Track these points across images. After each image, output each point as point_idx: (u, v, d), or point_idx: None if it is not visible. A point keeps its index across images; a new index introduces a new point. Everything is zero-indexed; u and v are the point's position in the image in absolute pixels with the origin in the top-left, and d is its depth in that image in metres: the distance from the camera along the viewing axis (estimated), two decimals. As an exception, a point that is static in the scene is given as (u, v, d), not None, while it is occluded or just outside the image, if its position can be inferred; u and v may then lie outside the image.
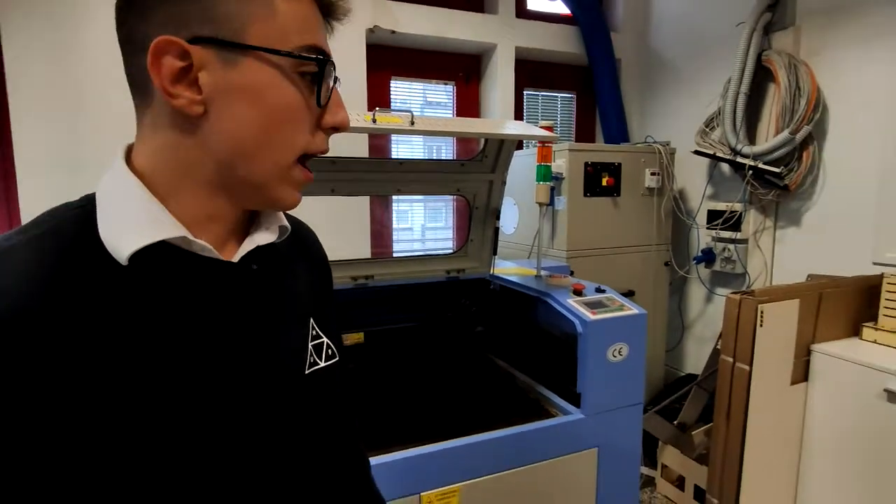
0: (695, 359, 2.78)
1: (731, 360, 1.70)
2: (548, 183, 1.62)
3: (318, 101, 0.49)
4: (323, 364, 0.57)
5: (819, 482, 1.77)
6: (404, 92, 2.76)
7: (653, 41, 2.99)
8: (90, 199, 0.46)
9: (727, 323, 1.71)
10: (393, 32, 2.48)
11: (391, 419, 1.34)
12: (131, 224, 0.44)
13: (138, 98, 0.47)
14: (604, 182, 2.40)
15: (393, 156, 2.73)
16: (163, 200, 0.46)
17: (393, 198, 2.75)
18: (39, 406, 0.38)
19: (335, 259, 1.56)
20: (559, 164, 2.34)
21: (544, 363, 1.55)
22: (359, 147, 2.42)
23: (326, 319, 0.61)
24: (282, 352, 0.53)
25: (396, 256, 1.94)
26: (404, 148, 2.78)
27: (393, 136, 2.67)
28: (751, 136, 2.32)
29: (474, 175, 1.65)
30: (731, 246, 2.44)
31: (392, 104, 2.70)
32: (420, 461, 1.13)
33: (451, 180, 1.65)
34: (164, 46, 0.42)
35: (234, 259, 0.50)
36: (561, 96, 3.12)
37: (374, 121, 1.16)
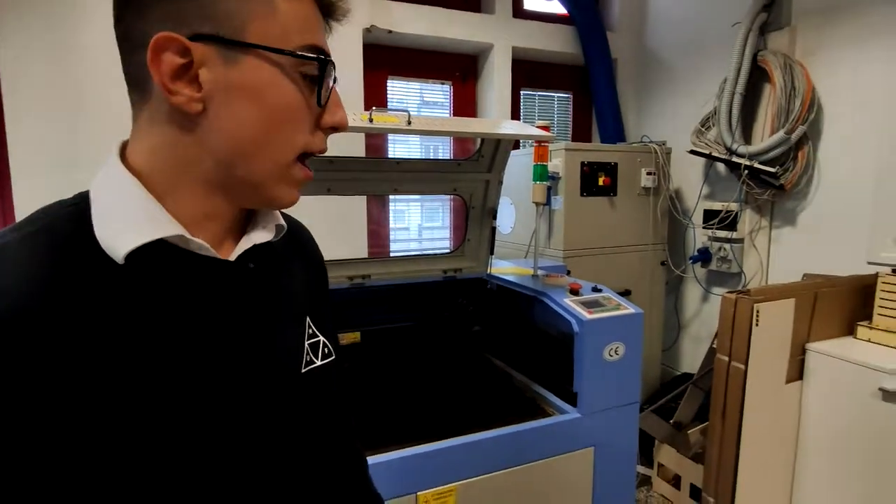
0: (691, 358, 2.79)
1: (727, 359, 1.70)
2: (544, 182, 1.63)
3: (319, 101, 0.49)
4: (319, 363, 0.57)
5: (814, 480, 1.78)
6: (401, 91, 2.76)
7: (649, 41, 3.00)
8: (84, 197, 0.46)
9: (723, 322, 1.72)
10: (390, 32, 2.48)
11: (388, 419, 1.34)
12: (127, 222, 0.44)
13: (135, 95, 0.47)
14: (600, 182, 2.41)
15: (390, 155, 2.73)
16: (159, 198, 0.46)
17: (390, 197, 2.74)
18: (39, 406, 0.38)
19: (332, 259, 1.56)
20: (556, 164, 2.34)
21: (541, 362, 1.55)
22: (355, 147, 2.42)
23: (322, 318, 0.61)
24: (278, 351, 0.53)
25: (393, 256, 1.94)
26: (401, 147, 2.77)
27: (390, 136, 2.67)
28: (746, 136, 2.33)
29: (471, 175, 1.65)
30: (727, 245, 2.44)
31: (389, 104, 2.70)
32: (417, 460, 1.14)
33: (448, 180, 1.65)
34: (165, 43, 0.42)
35: (231, 258, 0.50)
36: (557, 96, 3.12)
37: (371, 120, 1.17)
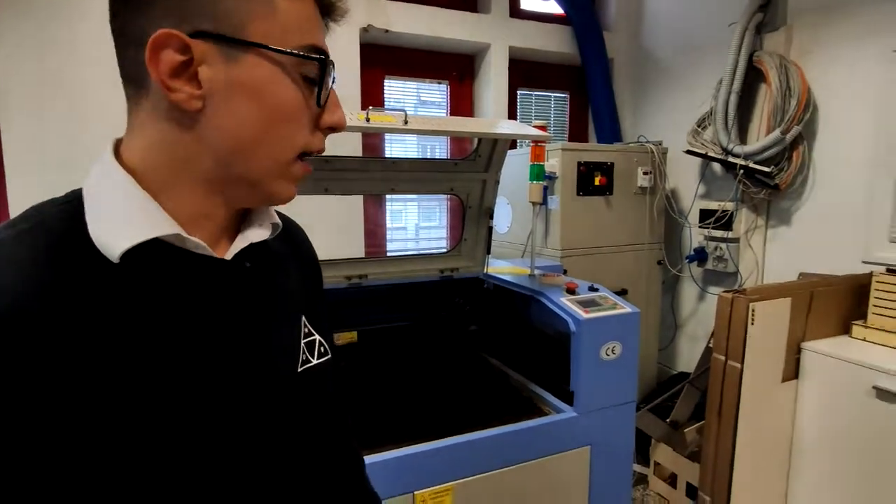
0: (687, 357, 2.80)
1: (723, 358, 1.71)
2: (541, 182, 1.63)
3: (319, 101, 0.49)
4: (315, 362, 0.57)
5: (809, 478, 1.79)
6: (398, 91, 2.76)
7: (645, 41, 3.00)
8: (76, 195, 0.45)
9: (719, 321, 1.72)
10: (387, 31, 2.48)
11: (385, 418, 1.34)
12: (123, 220, 0.43)
13: (131, 91, 0.46)
14: (597, 181, 2.41)
15: (386, 155, 2.72)
16: (154, 196, 0.45)
17: (387, 197, 2.74)
18: (35, 405, 0.38)
19: (329, 258, 1.56)
20: (552, 164, 2.34)
21: (538, 362, 1.55)
22: (352, 146, 2.42)
23: (318, 317, 0.61)
24: (275, 350, 0.53)
25: (390, 256, 1.94)
26: (398, 147, 2.77)
27: (387, 136, 2.67)
28: (742, 136, 2.33)
29: (468, 174, 1.65)
30: (723, 245, 2.45)
31: (386, 103, 2.70)
32: (414, 460, 1.14)
33: (445, 179, 1.65)
34: (165, 40, 0.42)
35: (227, 257, 0.50)
36: (554, 96, 3.12)
37: (368, 120, 1.16)
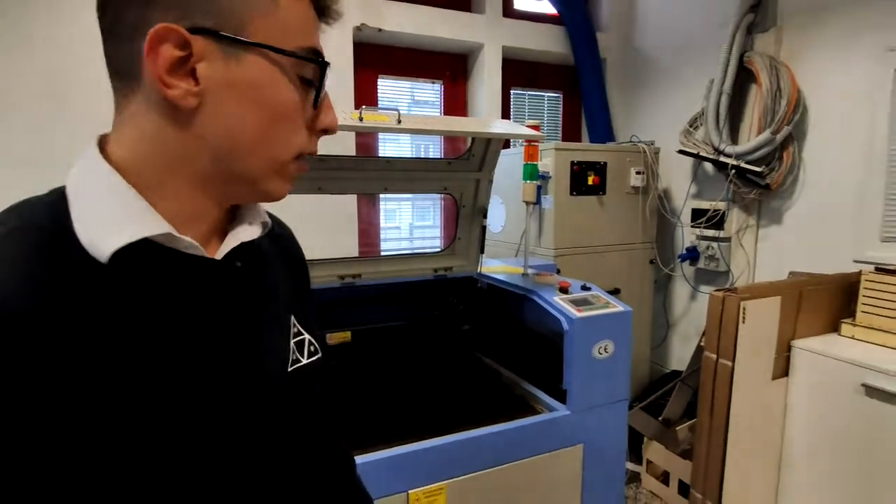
0: (679, 355, 2.82)
1: (715, 357, 1.72)
2: (534, 182, 1.63)
3: (315, 103, 0.49)
4: (305, 361, 0.57)
5: (800, 474, 1.80)
6: (392, 90, 2.76)
7: (638, 41, 3.02)
8: (60, 192, 0.44)
9: (710, 320, 1.74)
10: (380, 31, 2.47)
11: (379, 417, 1.34)
12: (111, 219, 0.42)
13: (120, 84, 0.45)
14: (590, 181, 2.42)
15: (380, 154, 2.72)
16: (143, 194, 0.44)
17: (380, 196, 2.74)
18: (26, 404, 0.37)
19: (322, 258, 1.56)
20: (546, 163, 2.35)
21: (531, 360, 1.56)
22: (345, 146, 2.42)
23: (307, 316, 0.61)
24: (265, 350, 0.52)
25: (384, 255, 1.94)
26: (391, 146, 2.77)
27: (380, 135, 2.66)
28: (733, 136, 2.35)
29: (461, 174, 1.66)
30: (715, 244, 2.47)
31: (379, 102, 2.70)
32: (407, 459, 1.14)
33: (439, 179, 1.66)
34: (165, 34, 0.41)
35: (218, 256, 0.49)
36: (548, 95, 3.13)
37: (361, 119, 1.16)
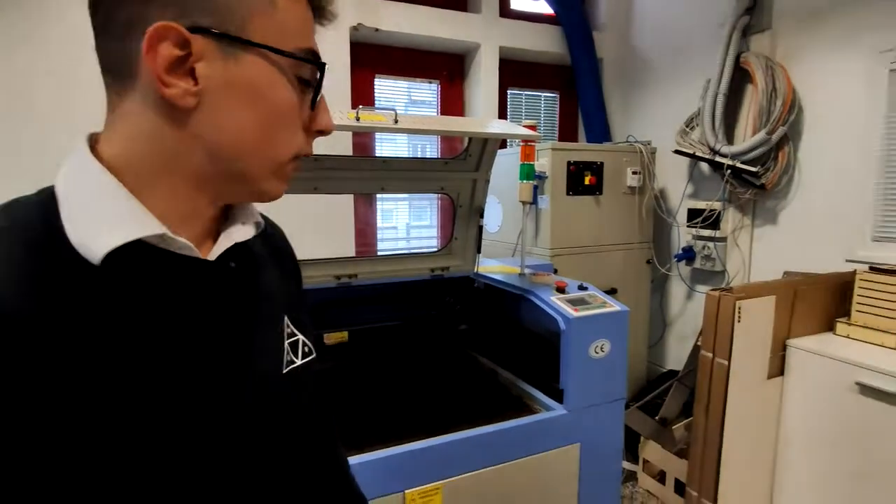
0: (676, 355, 2.83)
1: (711, 356, 1.73)
2: (531, 182, 1.63)
3: (313, 105, 0.49)
4: (300, 362, 0.57)
5: (795, 473, 1.81)
6: (388, 90, 2.76)
7: (634, 41, 3.03)
8: (49, 192, 0.43)
9: (707, 319, 1.74)
10: (377, 30, 2.47)
11: (375, 417, 1.34)
12: (103, 220, 0.42)
13: (114, 82, 0.45)
14: (586, 181, 2.43)
15: (377, 154, 2.72)
16: (135, 193, 0.43)
17: (377, 196, 2.74)
18: (20, 406, 0.37)
19: (319, 258, 1.56)
20: (542, 163, 2.36)
21: (527, 360, 1.56)
22: (342, 145, 2.42)
23: (300, 316, 0.61)
24: (259, 352, 0.52)
25: (380, 255, 1.94)
26: (388, 146, 2.77)
27: (377, 135, 2.67)
28: (729, 137, 2.36)
29: (458, 174, 1.66)
30: (711, 244, 2.48)
31: (376, 102, 2.70)
32: (404, 459, 1.14)
33: (436, 179, 1.66)
34: (164, 32, 0.41)
35: (211, 257, 0.49)
36: (544, 95, 3.14)
37: (358, 119, 1.16)
